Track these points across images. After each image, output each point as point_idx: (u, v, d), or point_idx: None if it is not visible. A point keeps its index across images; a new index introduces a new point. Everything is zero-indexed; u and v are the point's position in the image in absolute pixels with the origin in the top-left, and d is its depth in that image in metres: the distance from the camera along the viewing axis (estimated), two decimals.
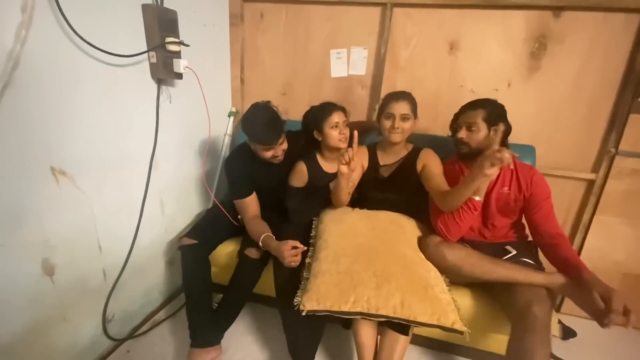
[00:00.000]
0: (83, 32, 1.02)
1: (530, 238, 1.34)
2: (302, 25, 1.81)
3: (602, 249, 1.70)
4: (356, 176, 1.44)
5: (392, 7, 1.64)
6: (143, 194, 1.38)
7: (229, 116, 1.94)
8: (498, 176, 1.28)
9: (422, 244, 1.27)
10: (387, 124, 1.35)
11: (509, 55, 1.60)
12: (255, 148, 1.36)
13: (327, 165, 1.49)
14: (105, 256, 1.26)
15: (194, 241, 1.39)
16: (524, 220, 1.37)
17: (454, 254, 1.18)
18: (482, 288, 1.25)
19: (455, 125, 1.36)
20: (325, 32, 1.79)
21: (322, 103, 1.44)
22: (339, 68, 1.83)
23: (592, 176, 1.63)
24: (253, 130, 1.32)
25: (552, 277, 1.13)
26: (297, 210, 1.45)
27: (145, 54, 1.28)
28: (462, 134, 1.29)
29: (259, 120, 1.31)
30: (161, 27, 1.26)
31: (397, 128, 1.32)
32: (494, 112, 1.27)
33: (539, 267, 1.23)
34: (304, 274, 1.18)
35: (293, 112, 1.96)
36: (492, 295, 1.23)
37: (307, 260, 1.23)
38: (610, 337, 1.63)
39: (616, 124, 1.54)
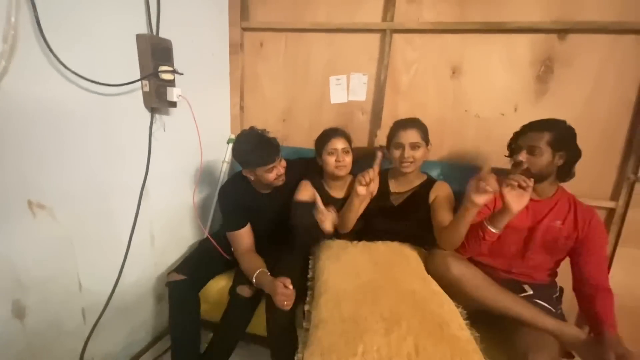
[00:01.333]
0: (70, 62, 0.99)
1: (555, 283, 1.22)
2: (302, 52, 1.80)
3: (628, 285, 1.55)
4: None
5: (392, 33, 1.62)
6: (131, 225, 1.31)
7: (228, 143, 1.91)
8: (553, 207, 1.17)
9: (428, 257, 1.18)
10: (396, 154, 1.29)
11: (514, 79, 1.54)
12: (257, 175, 1.30)
13: (334, 191, 1.44)
14: (85, 295, 1.17)
15: (183, 277, 1.30)
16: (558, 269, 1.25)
17: (460, 269, 1.08)
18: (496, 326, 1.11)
19: (514, 145, 1.21)
20: (325, 59, 1.78)
21: (327, 129, 1.42)
22: (338, 94, 1.80)
23: (612, 204, 1.51)
24: (247, 156, 1.27)
25: (563, 324, 1.01)
26: (305, 225, 1.33)
27: (138, 83, 1.26)
28: (523, 156, 1.14)
29: (250, 144, 1.27)
30: (155, 56, 1.25)
31: (408, 157, 1.25)
32: (561, 135, 1.13)
33: (554, 313, 1.11)
34: (304, 324, 1.07)
35: (293, 138, 1.92)
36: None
37: (306, 307, 1.12)
38: None
39: (633, 148, 1.44)
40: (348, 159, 1.35)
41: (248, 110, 1.96)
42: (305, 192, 1.40)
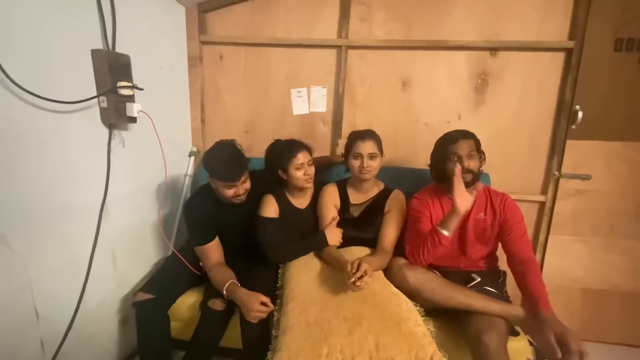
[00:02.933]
0: (20, 79, 0.95)
1: (500, 268, 1.38)
2: (263, 65, 1.85)
3: (561, 267, 1.79)
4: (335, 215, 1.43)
5: (347, 49, 1.74)
6: (91, 248, 1.26)
7: (190, 156, 1.89)
8: (474, 203, 1.31)
9: (388, 267, 1.28)
10: (355, 163, 1.36)
11: (456, 91, 1.72)
12: (217, 186, 1.31)
13: (297, 202, 1.47)
14: (43, 324, 1.10)
15: (150, 296, 1.27)
16: (498, 253, 1.40)
17: (416, 277, 1.20)
18: (452, 316, 1.24)
19: (449, 155, 1.27)
20: (285, 72, 1.84)
21: (287, 141, 1.43)
22: (300, 106, 1.87)
23: (542, 198, 1.74)
24: (214, 166, 1.28)
25: (509, 308, 1.15)
26: (274, 243, 1.36)
27: (95, 100, 1.22)
28: (468, 163, 1.24)
29: (221, 157, 1.28)
30: (112, 71, 1.22)
31: (367, 167, 1.34)
32: (478, 141, 1.31)
33: (501, 296, 1.25)
34: (273, 331, 1.11)
35: (256, 149, 1.94)
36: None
37: (275, 315, 1.16)
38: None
39: (556, 150, 1.68)
40: (312, 170, 1.40)
41: (209, 122, 1.95)
42: (270, 208, 1.40)
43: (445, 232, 1.18)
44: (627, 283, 1.76)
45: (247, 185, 1.34)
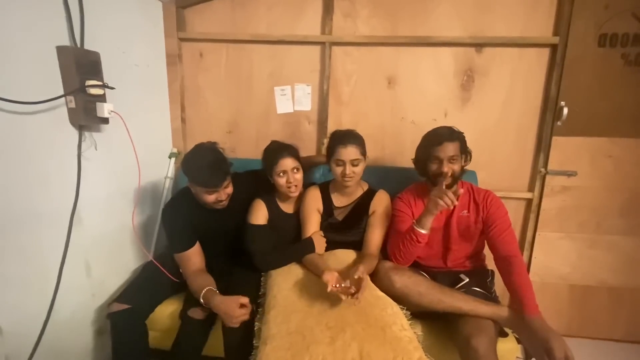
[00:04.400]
0: None
1: (488, 267, 1.36)
2: (245, 63, 1.79)
3: (548, 264, 1.78)
4: (316, 222, 1.38)
5: (331, 45, 1.69)
6: (61, 257, 1.19)
7: (170, 157, 1.82)
8: (458, 201, 1.27)
9: (374, 271, 1.25)
10: (338, 170, 1.31)
11: (442, 88, 1.70)
12: (197, 192, 1.24)
13: (286, 206, 1.43)
14: (8, 339, 1.03)
15: (126, 305, 1.21)
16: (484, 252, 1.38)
17: (402, 281, 1.17)
18: (441, 319, 1.21)
19: (431, 157, 1.25)
20: (268, 70, 1.78)
21: (274, 146, 1.37)
22: (284, 104, 1.82)
23: (529, 195, 1.73)
24: (194, 171, 1.21)
25: (497, 309, 1.13)
26: (263, 252, 1.31)
27: (62, 100, 1.15)
28: (448, 167, 1.21)
29: (202, 161, 1.20)
30: (80, 69, 1.15)
31: (349, 174, 1.28)
32: (464, 141, 1.28)
33: (489, 296, 1.23)
34: (254, 341, 1.06)
35: (240, 150, 1.89)
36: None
37: (257, 324, 1.11)
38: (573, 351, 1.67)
39: (542, 146, 1.67)
40: (299, 176, 1.33)
41: (190, 122, 1.89)
42: (260, 214, 1.36)
43: (422, 230, 1.17)
44: (614, 278, 1.77)
45: (230, 190, 1.28)
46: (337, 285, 1.04)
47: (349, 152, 1.28)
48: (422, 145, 1.32)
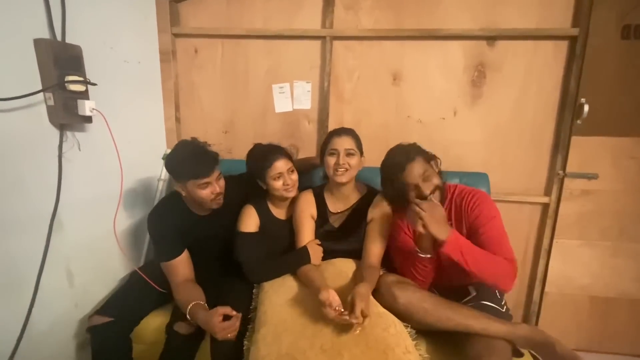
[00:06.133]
0: None
1: None
2: (241, 60, 1.71)
3: (566, 274, 1.66)
4: (310, 230, 1.27)
5: (332, 40, 1.60)
6: (39, 265, 1.10)
7: (164, 159, 1.73)
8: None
9: (376, 284, 1.12)
10: (331, 160, 1.21)
11: (451, 84, 1.59)
12: (189, 190, 1.16)
13: (278, 212, 1.33)
14: None
15: (108, 318, 1.12)
16: None
17: (406, 296, 1.04)
18: (448, 338, 1.09)
19: (404, 188, 1.12)
20: (265, 67, 1.70)
21: (264, 147, 1.28)
22: (282, 103, 1.73)
23: (545, 199, 1.60)
24: (180, 165, 1.14)
25: (513, 328, 1.00)
26: (253, 261, 1.21)
27: (41, 96, 1.07)
28: (429, 186, 1.09)
29: (184, 153, 1.15)
30: (59, 64, 1.07)
31: (343, 164, 1.19)
32: (427, 154, 1.16)
33: (501, 312, 1.11)
34: None
35: (237, 150, 1.81)
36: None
37: (245, 342, 1.01)
38: None
39: (560, 147, 1.55)
40: (295, 177, 1.25)
41: (185, 122, 1.81)
42: (250, 221, 1.26)
43: (423, 255, 1.08)
44: (637, 290, 1.63)
45: (223, 183, 1.20)
46: (338, 308, 0.93)
47: (344, 141, 1.20)
48: (387, 180, 1.19)
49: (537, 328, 1.01)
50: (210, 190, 1.15)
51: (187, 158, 1.13)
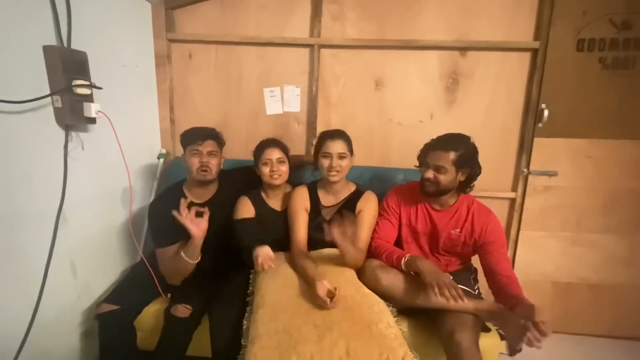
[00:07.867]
0: None
1: (470, 266, 1.40)
2: (234, 64, 1.80)
3: (532, 262, 1.83)
4: (304, 222, 1.38)
5: (319, 48, 1.72)
6: (47, 257, 1.17)
7: (159, 158, 1.81)
8: (452, 217, 1.29)
9: (361, 269, 1.27)
10: (325, 163, 1.33)
11: (429, 90, 1.74)
12: (186, 160, 1.32)
13: (273, 202, 1.45)
14: None
15: (115, 306, 1.20)
16: None
17: (389, 278, 1.19)
18: (426, 315, 1.23)
19: (423, 159, 1.26)
20: (257, 71, 1.80)
21: (265, 140, 1.45)
22: (273, 106, 1.83)
23: (512, 195, 1.77)
24: (185, 134, 1.35)
25: (479, 304, 1.15)
26: (249, 245, 1.29)
27: (49, 99, 1.15)
28: (430, 174, 1.21)
29: (194, 128, 1.37)
30: (67, 69, 1.15)
31: (336, 166, 1.32)
32: (465, 155, 1.20)
33: (472, 293, 1.26)
34: (242, 341, 1.07)
35: (230, 150, 1.86)
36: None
37: (245, 323, 1.12)
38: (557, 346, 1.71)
39: (525, 147, 1.72)
40: (283, 168, 1.37)
41: (179, 123, 1.88)
42: (245, 209, 1.38)
43: (404, 267, 1.20)
44: (595, 275, 1.82)
45: (215, 160, 1.33)
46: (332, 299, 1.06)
47: (337, 146, 1.33)
48: (421, 150, 1.31)
49: (496, 303, 1.16)
50: (197, 159, 1.28)
51: (192, 129, 1.35)
